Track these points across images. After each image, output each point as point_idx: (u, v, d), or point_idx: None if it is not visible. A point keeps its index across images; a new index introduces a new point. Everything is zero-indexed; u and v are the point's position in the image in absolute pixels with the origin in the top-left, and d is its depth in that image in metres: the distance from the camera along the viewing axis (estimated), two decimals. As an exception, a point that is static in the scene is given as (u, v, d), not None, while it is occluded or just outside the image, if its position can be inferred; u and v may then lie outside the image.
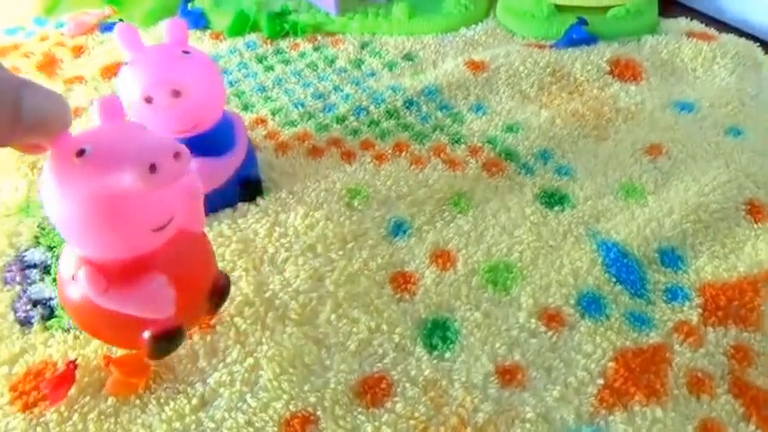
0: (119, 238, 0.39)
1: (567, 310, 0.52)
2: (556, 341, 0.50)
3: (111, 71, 0.86)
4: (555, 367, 0.48)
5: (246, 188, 0.63)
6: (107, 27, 0.97)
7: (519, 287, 0.54)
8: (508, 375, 0.47)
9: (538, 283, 0.54)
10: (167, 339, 0.45)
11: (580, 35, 0.85)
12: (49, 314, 0.53)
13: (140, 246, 0.41)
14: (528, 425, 0.45)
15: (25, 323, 0.52)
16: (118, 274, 0.40)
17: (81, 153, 0.37)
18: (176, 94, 0.51)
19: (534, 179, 0.65)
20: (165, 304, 0.42)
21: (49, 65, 0.89)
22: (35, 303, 0.53)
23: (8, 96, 0.32)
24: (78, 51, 0.92)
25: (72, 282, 0.42)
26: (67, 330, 0.51)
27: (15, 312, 0.53)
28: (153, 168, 0.35)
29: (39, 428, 0.45)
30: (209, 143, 0.58)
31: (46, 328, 0.52)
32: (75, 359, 0.48)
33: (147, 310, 0.43)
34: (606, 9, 0.90)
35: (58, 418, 0.45)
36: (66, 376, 0.47)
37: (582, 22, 0.86)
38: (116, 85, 0.82)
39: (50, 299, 0.54)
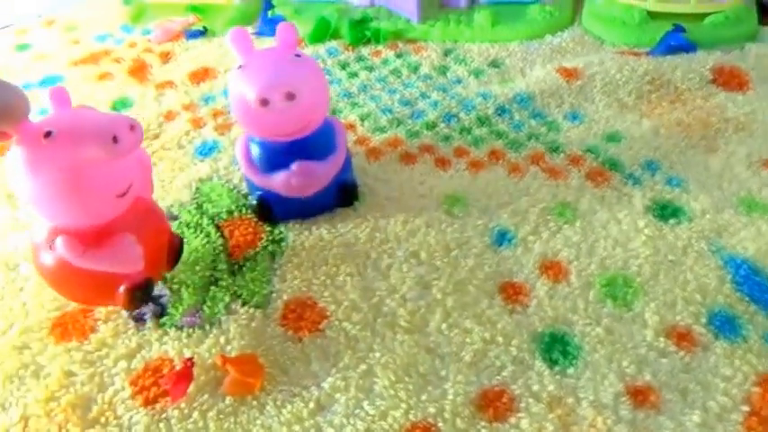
0: (89, 205, 0.45)
1: (698, 329, 0.49)
2: (689, 362, 0.47)
3: (198, 76, 0.87)
4: (691, 390, 0.45)
5: (344, 193, 0.62)
6: (192, 34, 0.99)
7: (641, 303, 0.51)
8: (640, 396, 0.45)
9: (662, 299, 0.51)
10: (140, 290, 0.50)
11: (678, 42, 0.82)
12: (161, 311, 0.53)
13: (108, 211, 0.47)
14: (667, 450, 0.42)
15: (139, 319, 0.52)
16: (92, 239, 0.46)
17: (48, 134, 0.42)
18: (291, 96, 0.51)
19: (643, 190, 0.62)
20: (136, 259, 0.48)
21: (139, 70, 0.91)
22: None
23: None
24: (166, 57, 0.93)
25: (47, 249, 0.47)
26: (180, 328, 0.51)
27: (128, 309, 0.53)
28: (115, 140, 0.42)
29: (161, 424, 0.45)
30: (312, 146, 0.57)
31: (159, 326, 0.52)
32: (192, 357, 0.48)
33: (121, 266, 0.48)
34: (703, 16, 0.87)
35: (179, 415, 0.45)
36: (185, 374, 0.46)
37: (680, 28, 0.83)
38: (204, 89, 0.84)
39: (161, 296, 0.54)
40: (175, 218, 0.62)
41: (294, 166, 0.56)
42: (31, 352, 0.50)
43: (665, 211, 0.60)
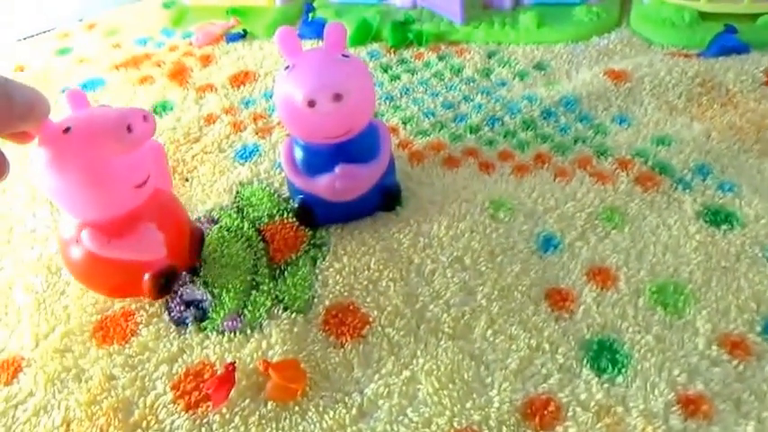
0: (111, 196, 0.47)
1: (752, 337, 0.47)
2: (743, 371, 0.45)
3: (239, 80, 0.88)
4: (745, 401, 0.43)
5: (388, 197, 0.61)
6: (232, 37, 1.00)
7: (693, 310, 0.50)
8: (692, 406, 0.43)
9: (714, 306, 0.50)
10: (164, 277, 0.53)
11: (731, 43, 0.79)
12: (203, 316, 0.53)
13: (128, 202, 0.49)
14: (720, 462, 0.41)
15: (180, 323, 0.52)
16: (115, 230, 0.49)
17: (67, 130, 0.45)
18: (338, 97, 0.50)
19: (694, 195, 0.60)
20: (158, 245, 0.51)
21: (179, 73, 0.92)
22: (188, 304, 0.54)
23: (0, 90, 0.38)
24: (206, 61, 0.94)
25: (74, 243, 0.49)
26: (222, 333, 0.51)
27: (170, 312, 0.53)
28: (129, 129, 0.45)
29: (203, 429, 0.45)
30: (357, 150, 0.57)
31: (200, 330, 0.52)
32: (234, 362, 0.48)
33: (144, 253, 0.51)
34: (756, 16, 0.84)
35: (220, 420, 0.45)
36: (227, 378, 0.46)
37: (732, 29, 0.81)
38: (244, 92, 0.84)
39: (202, 300, 0.54)
40: (215, 222, 0.63)
41: (338, 170, 0.56)
42: (72, 355, 0.51)
43: (717, 217, 0.58)
